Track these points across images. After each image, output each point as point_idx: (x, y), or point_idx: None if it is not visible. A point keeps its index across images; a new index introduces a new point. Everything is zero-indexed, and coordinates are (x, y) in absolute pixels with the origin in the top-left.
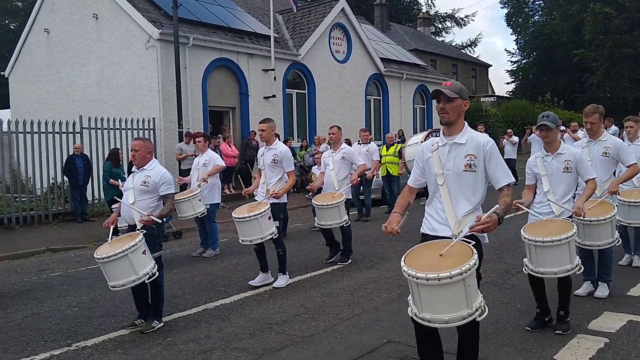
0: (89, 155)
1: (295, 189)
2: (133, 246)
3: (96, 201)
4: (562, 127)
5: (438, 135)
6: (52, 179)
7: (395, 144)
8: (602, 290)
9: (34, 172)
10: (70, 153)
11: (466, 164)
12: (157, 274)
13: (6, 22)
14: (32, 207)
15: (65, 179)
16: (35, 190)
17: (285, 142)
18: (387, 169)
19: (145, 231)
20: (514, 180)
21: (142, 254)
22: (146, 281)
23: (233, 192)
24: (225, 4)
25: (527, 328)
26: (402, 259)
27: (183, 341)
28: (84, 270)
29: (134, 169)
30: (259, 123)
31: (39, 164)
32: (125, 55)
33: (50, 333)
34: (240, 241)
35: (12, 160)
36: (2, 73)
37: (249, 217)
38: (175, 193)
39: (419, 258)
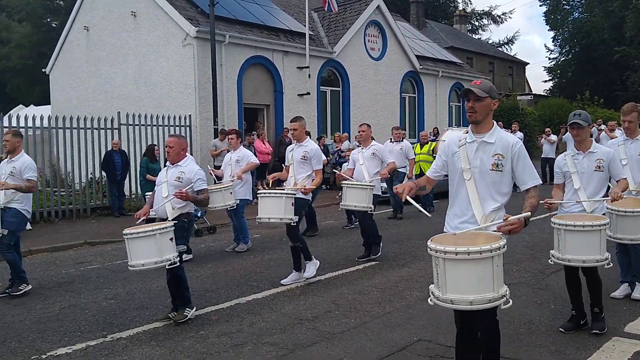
0: (126, 151)
1: (327, 186)
2: (164, 228)
3: (133, 196)
4: (602, 126)
5: None
6: (91, 174)
7: (430, 142)
8: (639, 291)
9: (73, 167)
10: (109, 149)
11: (493, 163)
12: (178, 263)
13: (48, 20)
14: (71, 201)
15: (104, 174)
16: (74, 184)
17: (318, 139)
18: (420, 167)
19: (176, 222)
20: (541, 182)
21: (170, 240)
22: (167, 266)
23: (266, 188)
24: (262, 2)
25: (560, 329)
26: (429, 240)
27: (215, 334)
28: (120, 264)
29: (167, 164)
30: (290, 122)
31: (78, 159)
32: (162, 53)
33: (86, 324)
34: (257, 220)
35: (52, 155)
36: (43, 70)
37: (276, 193)
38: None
39: (446, 239)
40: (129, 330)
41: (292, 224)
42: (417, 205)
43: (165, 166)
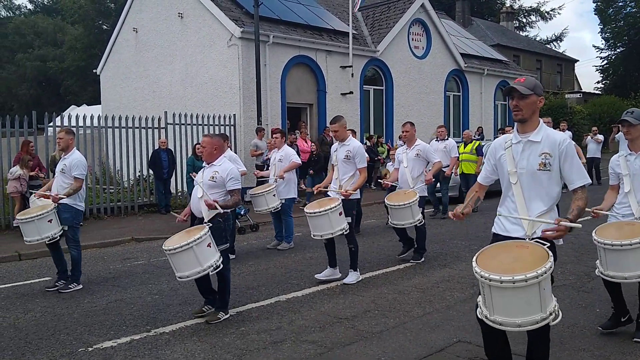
0: (173, 150)
1: (371, 185)
2: (198, 239)
3: (179, 194)
4: None
5: None
6: (139, 172)
7: (473, 141)
8: None
9: (122, 165)
10: (156, 147)
11: (541, 162)
12: (222, 266)
13: (100, 22)
14: (119, 198)
15: (151, 172)
16: (123, 182)
17: (369, 138)
18: (462, 167)
19: (211, 224)
20: (590, 181)
21: (207, 246)
22: (210, 273)
23: (303, 187)
24: (305, 2)
25: (599, 328)
26: (474, 259)
27: (255, 331)
28: (165, 260)
29: (204, 164)
30: (330, 123)
31: (126, 157)
32: (208, 54)
33: (131, 318)
34: (312, 236)
35: (102, 153)
36: (94, 71)
37: (320, 212)
38: (252, 187)
39: (492, 259)
40: (172, 325)
41: (344, 232)
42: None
43: (203, 166)
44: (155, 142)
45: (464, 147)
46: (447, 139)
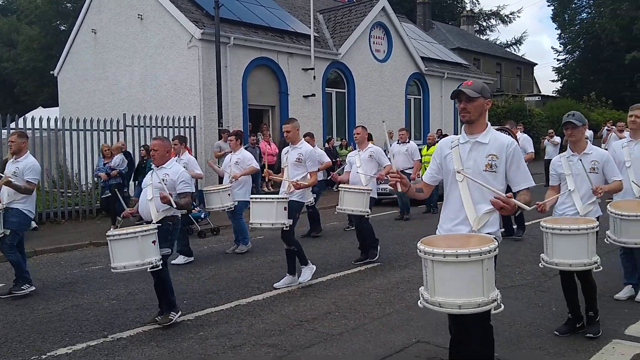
0: (132, 152)
1: (337, 187)
2: (146, 230)
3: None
4: (612, 127)
5: (505, 133)
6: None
7: (436, 144)
8: None
9: (80, 168)
10: None
11: (487, 163)
12: (161, 267)
13: (57, 23)
14: (77, 202)
15: None
16: (81, 185)
17: (327, 141)
18: (426, 169)
19: (160, 224)
20: (534, 184)
21: (152, 242)
22: (148, 269)
23: (271, 189)
24: (266, 4)
25: (555, 333)
26: (419, 241)
27: (214, 336)
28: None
29: (153, 166)
30: (283, 124)
31: (85, 160)
32: (168, 55)
33: (88, 324)
34: (249, 223)
35: (60, 156)
36: (52, 72)
37: (267, 198)
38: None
39: (437, 241)
40: (129, 330)
41: (284, 228)
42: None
43: (150, 169)
44: (114, 145)
45: (427, 150)
46: (409, 141)
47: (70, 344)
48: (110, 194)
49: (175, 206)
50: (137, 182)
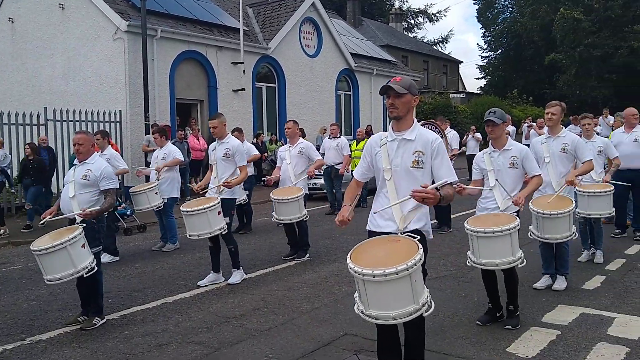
0: (54, 148)
1: (264, 183)
2: (73, 238)
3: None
4: (532, 124)
5: (433, 127)
6: (17, 171)
7: (365, 139)
8: (560, 283)
9: None
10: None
11: (414, 160)
12: (96, 268)
13: None
14: None
15: None
16: None
17: (256, 136)
18: (356, 164)
19: (85, 224)
20: (457, 179)
21: (82, 247)
22: (85, 275)
23: (195, 185)
24: None
25: (477, 322)
26: (349, 255)
27: (140, 335)
28: None
29: (75, 161)
30: (209, 120)
31: None
32: (92, 47)
33: (4, 327)
34: (187, 236)
35: None
36: None
37: (198, 210)
38: (138, 185)
39: (366, 254)
40: (50, 332)
41: (223, 232)
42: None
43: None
44: (34, 140)
45: (357, 145)
46: (339, 137)
47: None
48: None
49: (100, 212)
50: (21, 183)
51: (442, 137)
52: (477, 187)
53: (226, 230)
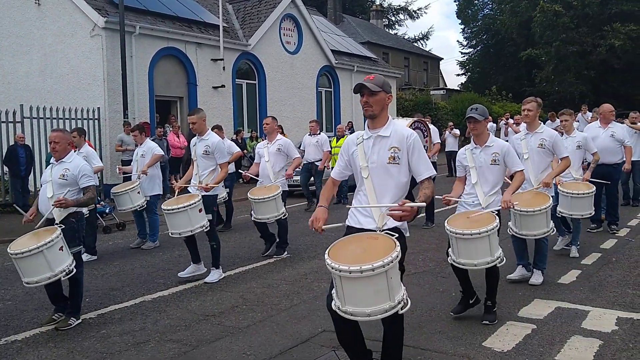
0: (31, 146)
1: (244, 180)
2: (49, 242)
3: (38, 192)
4: (510, 120)
5: (422, 126)
6: None
7: (346, 136)
8: (537, 277)
9: None
10: (12, 143)
11: (390, 156)
12: (75, 270)
13: None
14: None
15: (6, 169)
16: None
17: (237, 133)
18: (336, 160)
19: (63, 226)
20: (435, 173)
21: (59, 250)
22: (62, 278)
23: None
24: None
25: (451, 313)
26: (327, 251)
27: (117, 333)
28: None
29: (52, 160)
30: (188, 116)
31: None
32: (69, 44)
33: None
34: (169, 234)
35: None
36: None
37: (178, 208)
38: (118, 184)
39: (343, 251)
40: (25, 332)
41: (205, 229)
42: (335, 225)
43: (51, 163)
44: (10, 137)
45: (337, 142)
46: (320, 133)
47: None
48: None
49: (77, 205)
50: None
51: (429, 136)
52: (459, 194)
53: (208, 227)
